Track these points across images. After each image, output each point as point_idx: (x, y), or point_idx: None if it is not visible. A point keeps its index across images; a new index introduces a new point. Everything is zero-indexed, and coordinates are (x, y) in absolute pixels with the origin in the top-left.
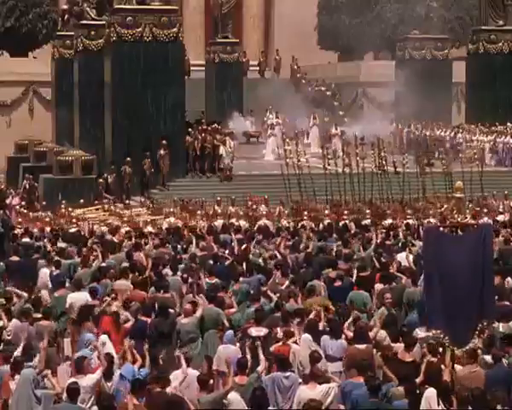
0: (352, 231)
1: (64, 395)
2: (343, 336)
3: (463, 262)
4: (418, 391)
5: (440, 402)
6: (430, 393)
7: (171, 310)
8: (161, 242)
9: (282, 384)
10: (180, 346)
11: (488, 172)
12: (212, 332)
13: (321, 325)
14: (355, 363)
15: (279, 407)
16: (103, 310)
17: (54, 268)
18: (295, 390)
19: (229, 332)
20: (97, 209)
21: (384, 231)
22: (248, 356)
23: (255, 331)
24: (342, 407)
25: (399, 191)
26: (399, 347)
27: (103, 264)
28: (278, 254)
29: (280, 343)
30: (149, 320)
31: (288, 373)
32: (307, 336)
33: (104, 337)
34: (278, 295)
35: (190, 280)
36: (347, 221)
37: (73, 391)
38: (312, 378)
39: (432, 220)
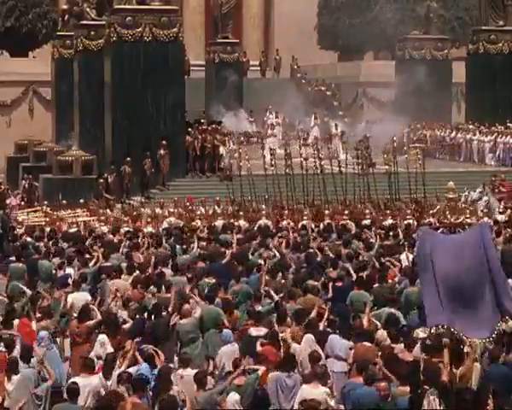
0: (353, 232)
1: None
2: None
3: (463, 261)
4: (419, 391)
5: (442, 402)
6: (432, 393)
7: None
8: (158, 242)
9: (284, 384)
10: (180, 346)
11: (488, 173)
12: (212, 332)
13: (321, 325)
14: (365, 361)
15: (281, 406)
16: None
17: (58, 269)
18: (297, 390)
19: (227, 332)
20: (35, 211)
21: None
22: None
23: (255, 331)
24: (342, 407)
25: (348, 192)
26: (400, 347)
27: (105, 264)
28: (278, 254)
29: (266, 341)
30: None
31: (290, 373)
32: (310, 336)
33: (103, 337)
34: (282, 295)
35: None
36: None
37: (73, 391)
38: (315, 378)
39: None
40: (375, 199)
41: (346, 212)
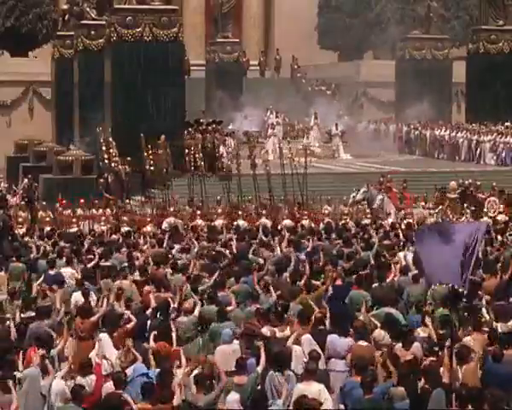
0: (353, 231)
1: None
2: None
3: (451, 247)
4: (419, 391)
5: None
6: (438, 393)
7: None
8: (158, 242)
9: (277, 382)
10: (179, 345)
11: (488, 173)
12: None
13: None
14: (362, 361)
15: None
16: None
17: (50, 268)
18: (292, 388)
19: (227, 331)
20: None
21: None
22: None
23: (269, 331)
24: (342, 406)
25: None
26: (398, 346)
27: (107, 263)
28: (279, 253)
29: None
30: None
31: (284, 372)
32: (308, 336)
33: (103, 336)
34: (279, 293)
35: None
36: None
37: (77, 392)
38: (309, 375)
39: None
40: (258, 200)
41: (220, 211)
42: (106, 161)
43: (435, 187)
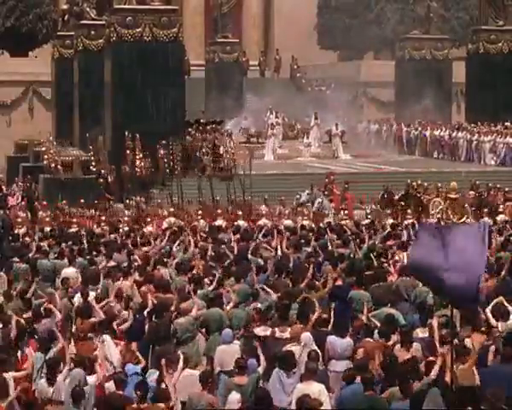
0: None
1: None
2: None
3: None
4: (415, 390)
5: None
6: (433, 393)
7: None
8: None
9: (284, 379)
10: (177, 346)
11: (488, 173)
12: (217, 335)
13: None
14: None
15: (280, 404)
16: None
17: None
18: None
19: (227, 331)
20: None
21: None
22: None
23: (262, 331)
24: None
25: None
26: (397, 347)
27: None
28: (280, 253)
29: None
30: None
31: (291, 372)
32: (307, 334)
33: (106, 337)
34: (279, 294)
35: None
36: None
37: (78, 394)
38: (309, 375)
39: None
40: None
41: (166, 213)
42: (46, 162)
43: (383, 187)
